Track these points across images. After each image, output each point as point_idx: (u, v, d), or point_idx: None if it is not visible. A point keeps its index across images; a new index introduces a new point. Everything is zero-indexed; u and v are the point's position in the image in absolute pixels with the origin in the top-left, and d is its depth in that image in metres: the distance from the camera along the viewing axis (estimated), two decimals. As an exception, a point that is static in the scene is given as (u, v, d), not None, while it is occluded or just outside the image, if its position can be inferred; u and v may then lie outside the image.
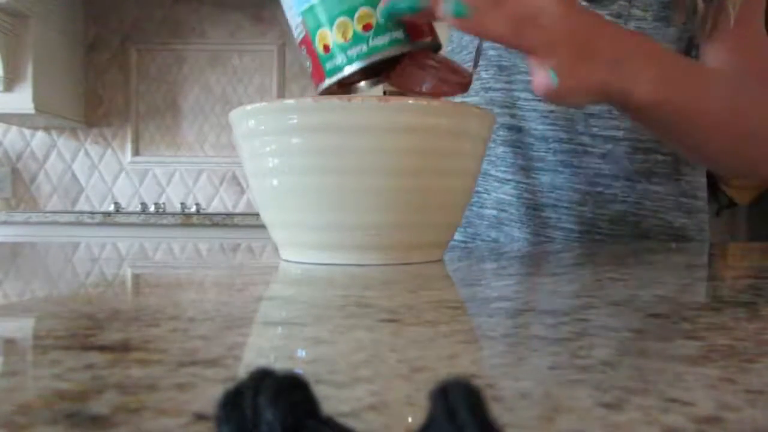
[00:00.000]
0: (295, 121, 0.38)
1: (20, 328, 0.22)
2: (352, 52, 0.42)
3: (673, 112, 0.48)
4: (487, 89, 0.71)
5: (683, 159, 0.70)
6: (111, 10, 2.54)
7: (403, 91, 0.45)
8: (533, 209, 0.71)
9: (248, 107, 0.40)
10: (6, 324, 0.22)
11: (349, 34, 0.42)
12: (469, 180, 0.44)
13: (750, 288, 0.32)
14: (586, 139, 0.68)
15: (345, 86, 0.45)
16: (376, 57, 0.42)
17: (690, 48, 0.66)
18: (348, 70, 0.42)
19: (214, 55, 2.54)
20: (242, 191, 2.54)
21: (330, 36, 0.42)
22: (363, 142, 0.38)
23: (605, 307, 0.25)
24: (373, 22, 0.42)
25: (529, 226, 0.71)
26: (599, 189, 0.69)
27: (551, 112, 0.68)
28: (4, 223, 1.99)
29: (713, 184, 2.74)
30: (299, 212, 0.40)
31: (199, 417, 0.12)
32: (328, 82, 0.44)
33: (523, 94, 0.69)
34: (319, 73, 0.44)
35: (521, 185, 0.71)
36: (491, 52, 0.70)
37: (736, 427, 0.12)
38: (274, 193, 0.41)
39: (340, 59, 0.42)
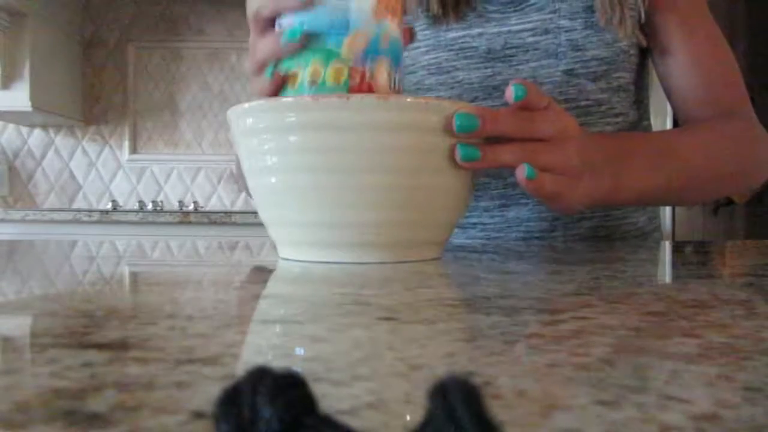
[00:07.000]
0: (293, 119, 0.38)
1: (18, 326, 0.22)
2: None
3: (658, 193, 0.55)
4: None
5: None
6: (109, 7, 2.54)
7: None
8: (504, 245, 0.71)
9: (246, 105, 0.40)
10: (4, 322, 0.22)
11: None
12: (467, 178, 0.43)
13: (747, 286, 0.32)
14: None
15: None
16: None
17: (637, 51, 0.68)
18: None
19: (213, 53, 2.53)
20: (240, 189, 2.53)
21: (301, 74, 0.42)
22: (361, 140, 0.38)
23: (603, 305, 0.25)
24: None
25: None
26: None
27: None
28: (2, 221, 1.99)
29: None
30: (297, 210, 0.40)
31: (197, 415, 0.12)
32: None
33: None
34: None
35: (488, 226, 0.70)
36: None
37: (733, 425, 0.12)
38: (272, 191, 0.41)
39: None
